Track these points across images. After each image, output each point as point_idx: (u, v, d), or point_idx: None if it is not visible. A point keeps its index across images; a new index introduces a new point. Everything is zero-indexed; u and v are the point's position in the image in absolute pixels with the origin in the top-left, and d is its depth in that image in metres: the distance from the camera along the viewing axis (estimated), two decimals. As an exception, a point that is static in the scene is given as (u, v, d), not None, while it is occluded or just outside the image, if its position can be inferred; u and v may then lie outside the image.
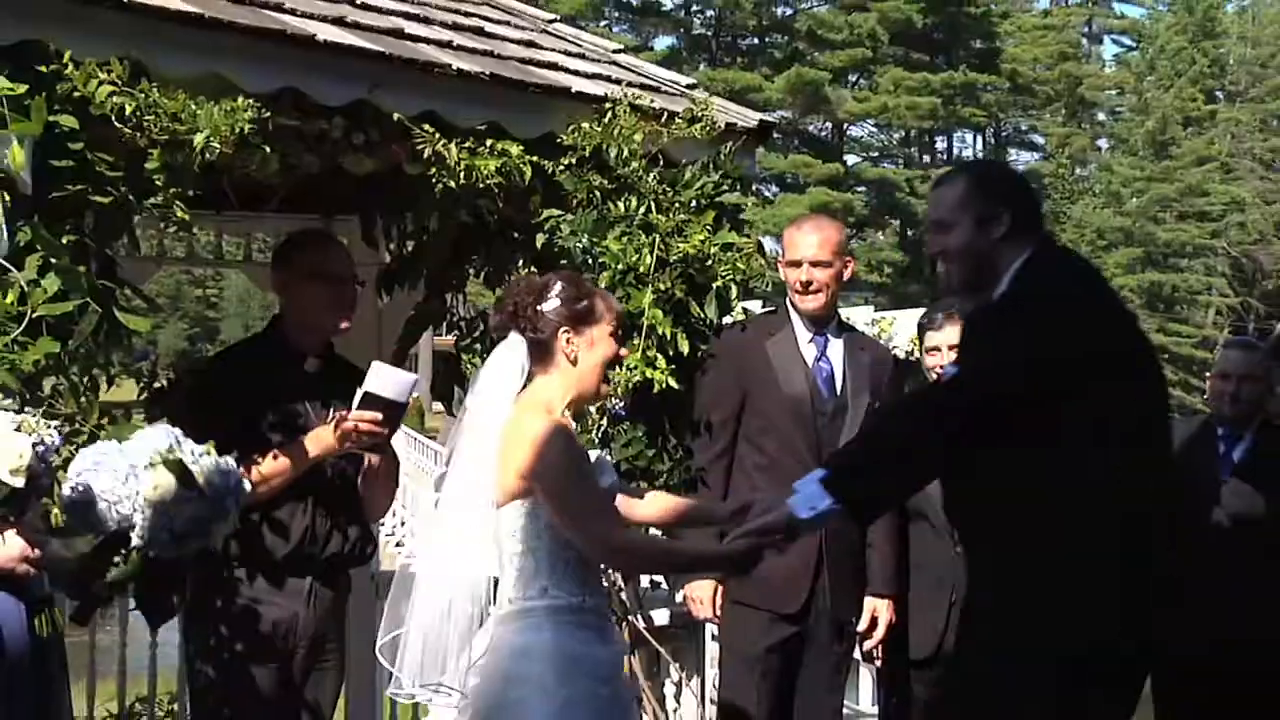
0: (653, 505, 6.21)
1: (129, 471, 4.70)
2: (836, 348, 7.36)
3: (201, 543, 5.00)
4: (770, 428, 7.21)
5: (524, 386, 5.57)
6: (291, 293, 6.40)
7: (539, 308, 5.49)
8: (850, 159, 77.65)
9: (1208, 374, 9.07)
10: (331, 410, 6.28)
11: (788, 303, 7.45)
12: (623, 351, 5.60)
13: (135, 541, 4.77)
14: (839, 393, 7.29)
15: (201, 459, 4.87)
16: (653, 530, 6.42)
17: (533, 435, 5.31)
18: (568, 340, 5.47)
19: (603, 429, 7.42)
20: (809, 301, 7.32)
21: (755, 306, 8.83)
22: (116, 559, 4.89)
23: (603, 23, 65.76)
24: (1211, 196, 76.89)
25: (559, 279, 5.69)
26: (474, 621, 5.45)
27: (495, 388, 5.56)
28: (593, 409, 7.43)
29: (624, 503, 5.94)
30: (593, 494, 5.43)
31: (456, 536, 5.50)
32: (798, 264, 7.29)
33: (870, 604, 7.48)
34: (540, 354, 5.52)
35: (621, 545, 5.65)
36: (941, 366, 7.83)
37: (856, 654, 8.08)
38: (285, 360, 6.34)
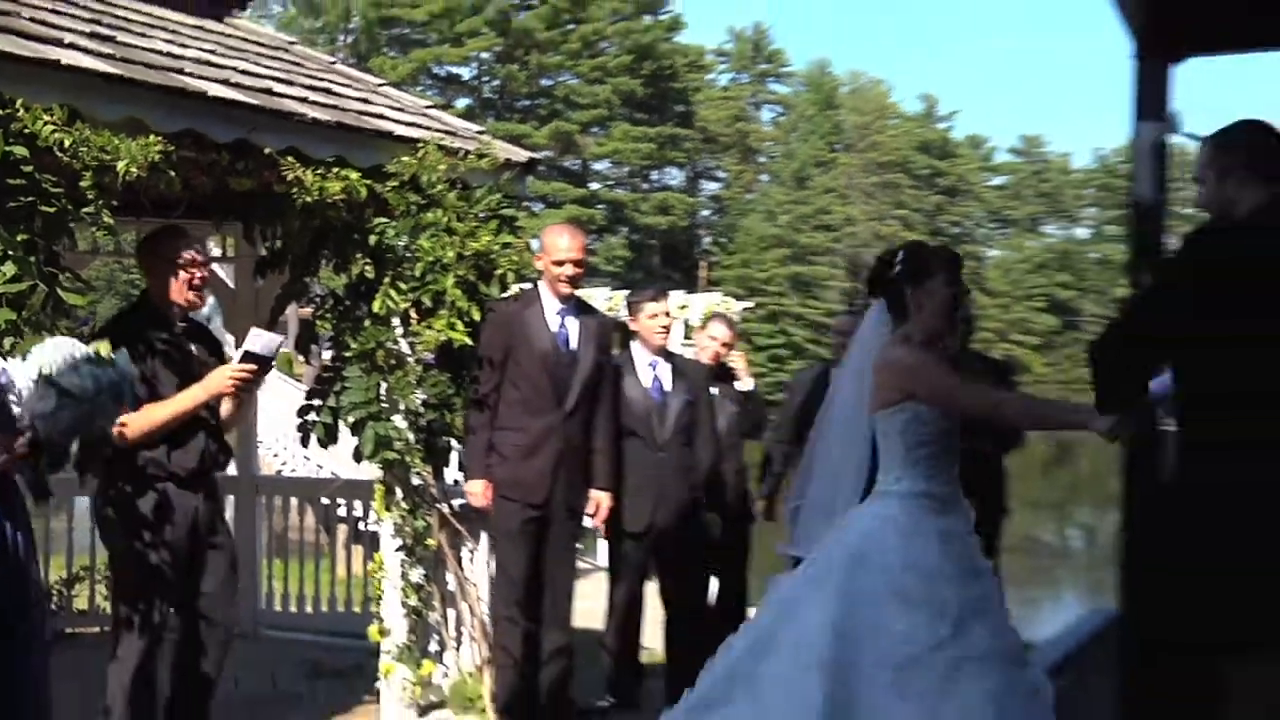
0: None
1: (26, 383, 4.57)
2: (572, 318, 7.28)
3: (85, 432, 4.86)
4: (524, 374, 7.14)
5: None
6: (155, 275, 6.12)
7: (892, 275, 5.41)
8: (593, 185, 77.50)
9: (830, 333, 8.98)
10: (193, 360, 6.15)
11: (539, 284, 7.35)
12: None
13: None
14: (573, 349, 7.20)
15: (84, 366, 4.71)
16: None
17: (903, 358, 5.20)
18: (912, 294, 5.29)
19: (418, 373, 7.41)
20: (567, 287, 7.26)
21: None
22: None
23: (418, 87, 64.94)
24: (833, 215, 77.78)
25: (903, 251, 5.53)
26: (855, 497, 5.32)
27: (869, 337, 5.51)
28: (411, 359, 7.32)
29: None
30: (954, 376, 5.24)
31: (843, 438, 5.43)
32: (561, 263, 7.20)
33: (595, 495, 7.42)
34: (897, 308, 5.34)
35: (1000, 399, 5.73)
36: (663, 327, 8.03)
37: (591, 525, 7.98)
38: (153, 324, 6.06)
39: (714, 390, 8.37)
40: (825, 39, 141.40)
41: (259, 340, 5.96)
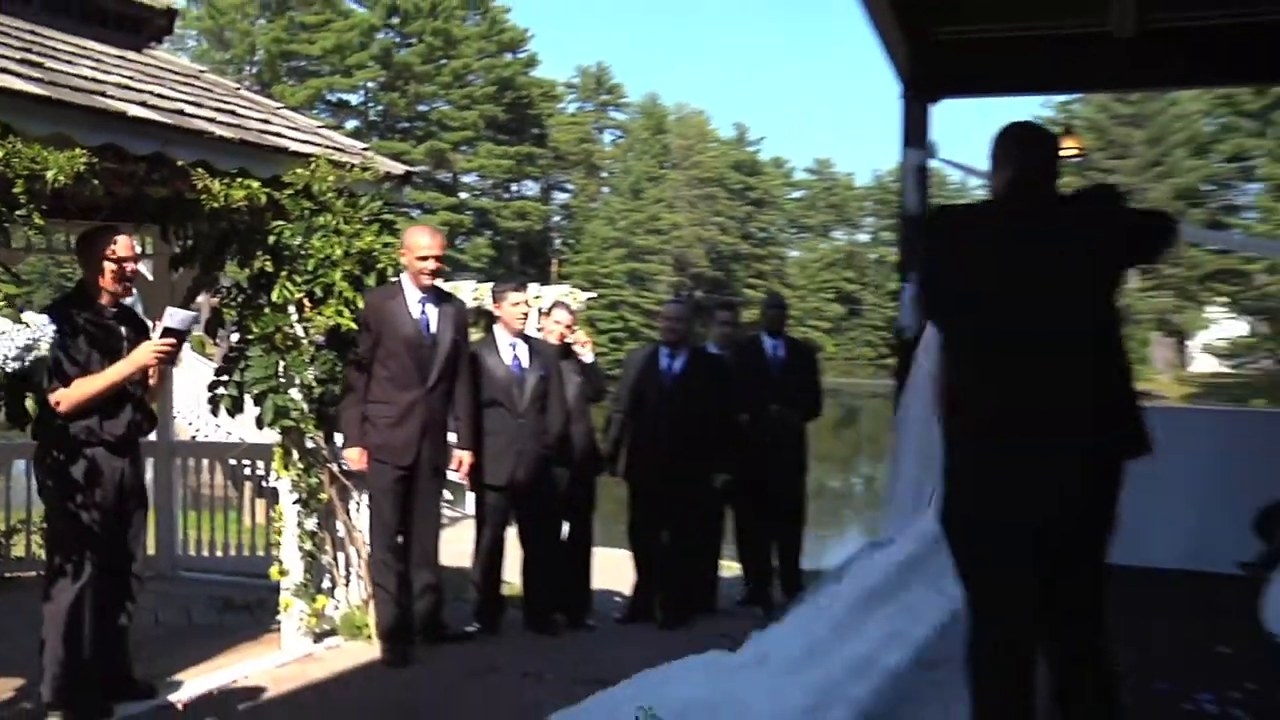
0: None
1: None
2: (432, 306, 7.27)
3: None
4: (391, 354, 7.15)
5: None
6: (89, 268, 6.04)
7: None
8: (462, 194, 77.02)
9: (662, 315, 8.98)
10: (121, 340, 6.05)
11: (403, 277, 7.33)
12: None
13: None
14: (433, 332, 7.20)
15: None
16: None
17: None
18: None
19: (311, 353, 7.37)
20: (428, 279, 7.26)
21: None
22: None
23: (313, 111, 64.13)
24: (662, 221, 78.09)
25: None
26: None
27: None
28: (305, 341, 7.25)
29: None
30: None
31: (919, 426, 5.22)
32: (424, 258, 7.20)
33: (459, 454, 7.51)
34: None
35: None
36: (522, 314, 8.08)
37: (458, 479, 7.98)
38: (86, 309, 5.97)
39: (562, 364, 8.37)
40: (656, 76, 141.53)
41: (175, 317, 5.90)
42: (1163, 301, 66.45)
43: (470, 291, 14.93)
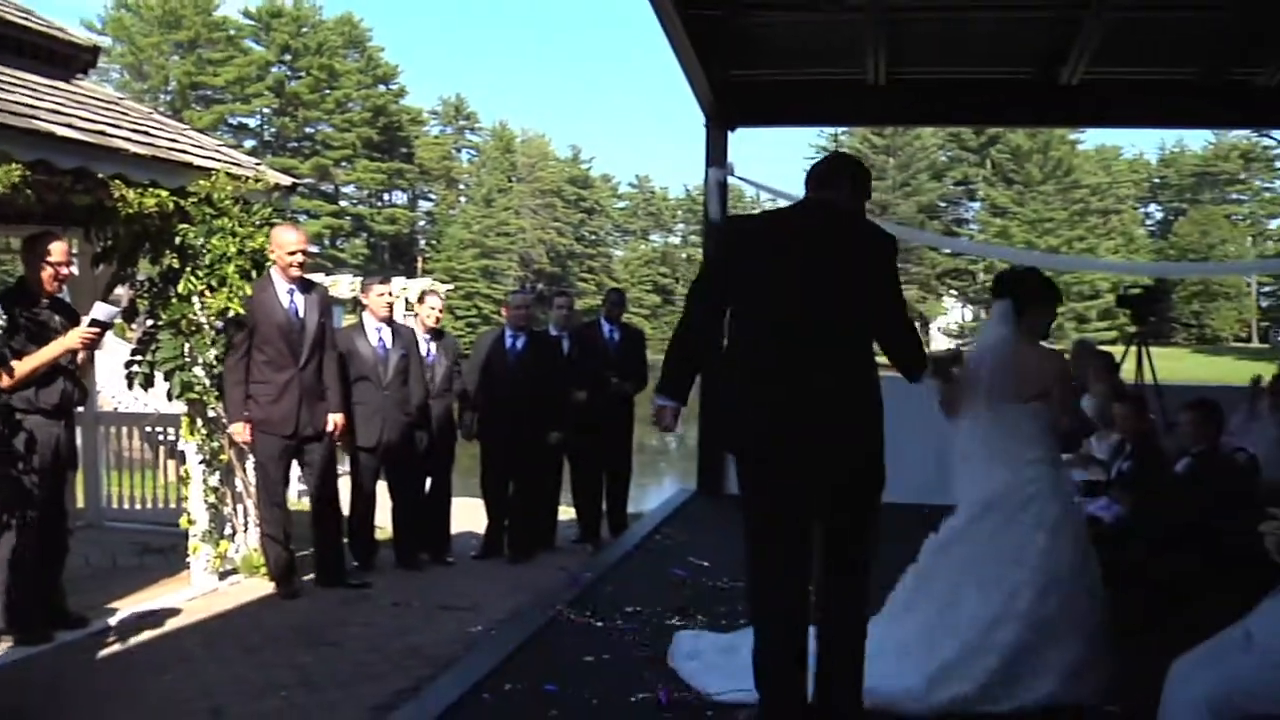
0: None
1: None
2: (299, 294, 7.09)
3: None
4: (267, 340, 6.98)
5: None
6: (30, 267, 5.93)
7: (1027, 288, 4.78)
8: (343, 203, 75.66)
9: (504, 307, 8.91)
10: (62, 326, 5.96)
11: (272, 271, 7.11)
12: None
13: None
14: (302, 318, 7.04)
15: None
16: None
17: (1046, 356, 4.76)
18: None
19: (212, 336, 7.27)
20: (296, 271, 7.07)
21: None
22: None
23: (217, 132, 62.38)
24: (510, 226, 77.61)
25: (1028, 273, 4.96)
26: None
27: (998, 331, 4.71)
28: (206, 326, 7.08)
29: None
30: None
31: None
32: (292, 253, 7.01)
33: (332, 417, 7.27)
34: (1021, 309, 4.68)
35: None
36: (387, 304, 7.95)
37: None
38: (27, 302, 5.87)
39: (434, 345, 8.33)
40: (506, 104, 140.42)
41: (102, 310, 5.86)
42: (910, 293, 68.29)
43: (348, 286, 14.71)
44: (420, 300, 8.64)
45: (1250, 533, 5.09)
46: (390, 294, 8.16)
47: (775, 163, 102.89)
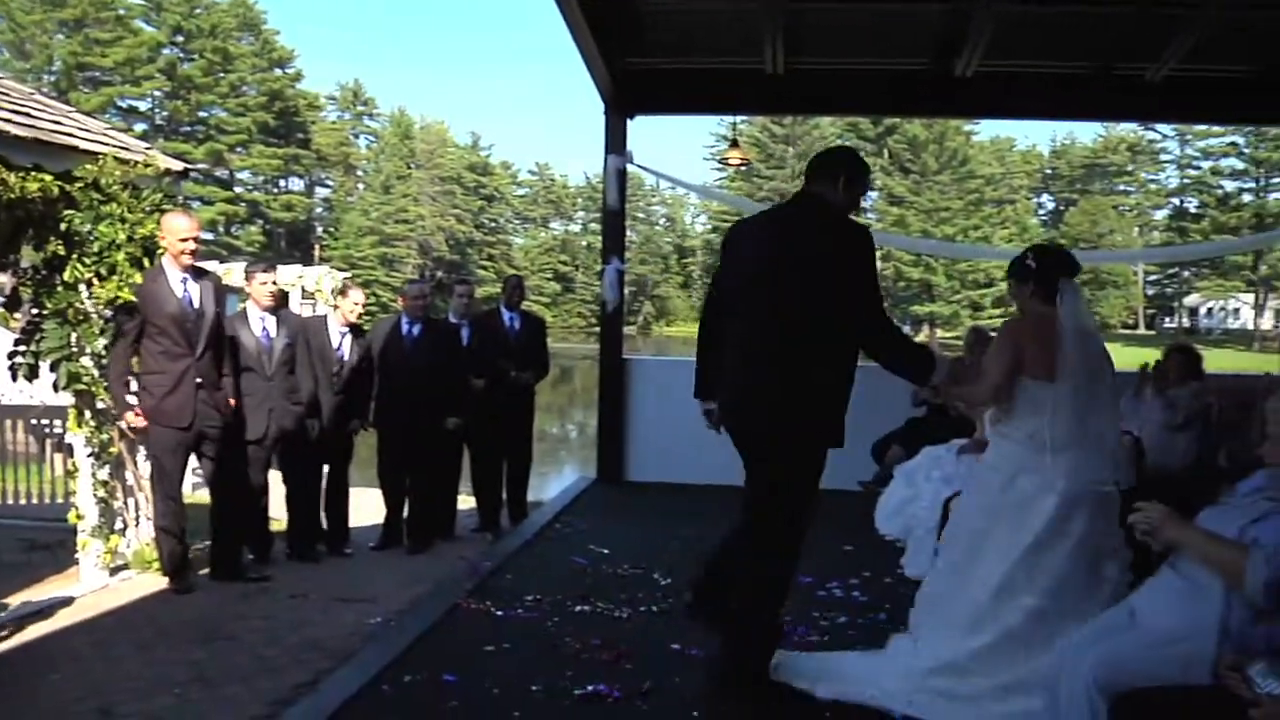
0: None
1: None
2: (193, 283, 6.86)
3: None
4: (161, 330, 6.74)
5: None
6: None
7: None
8: (238, 189, 74.22)
9: (401, 296, 8.85)
10: None
11: (163, 260, 6.87)
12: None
13: None
14: (196, 307, 6.81)
15: None
16: None
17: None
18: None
19: (100, 325, 7.12)
20: (188, 259, 6.82)
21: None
22: None
23: (105, 115, 60.59)
24: (409, 213, 76.99)
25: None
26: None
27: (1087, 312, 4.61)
28: (94, 314, 6.91)
29: None
30: None
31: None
32: (184, 239, 6.75)
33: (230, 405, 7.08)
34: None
35: None
36: (270, 293, 7.74)
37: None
38: None
39: (348, 339, 8.21)
40: (405, 90, 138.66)
41: None
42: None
43: (242, 275, 14.48)
44: (343, 293, 8.42)
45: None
46: (274, 281, 7.95)
47: (675, 150, 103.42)
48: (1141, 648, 3.34)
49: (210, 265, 8.51)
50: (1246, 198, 68.55)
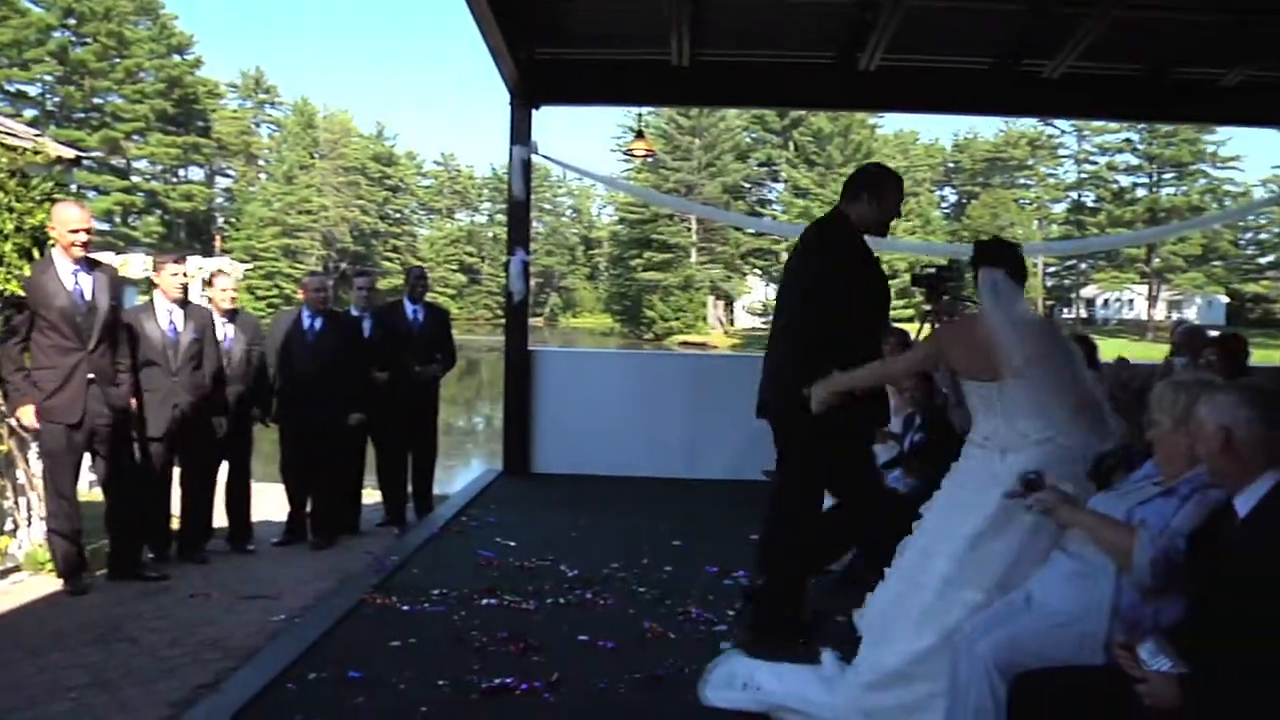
0: None
1: None
2: (85, 275, 6.62)
3: None
4: (51, 324, 6.49)
5: None
6: None
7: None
8: (135, 178, 72.34)
9: (301, 288, 8.70)
10: None
11: (53, 251, 6.60)
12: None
13: None
14: (88, 300, 6.57)
15: None
16: None
17: None
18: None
19: None
20: (80, 251, 6.56)
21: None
22: None
23: (-5, 103, 58.86)
24: (312, 203, 75.82)
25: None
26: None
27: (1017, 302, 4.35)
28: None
29: None
30: None
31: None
32: (75, 231, 6.49)
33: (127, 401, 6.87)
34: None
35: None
36: (180, 284, 7.48)
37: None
38: None
39: (230, 328, 7.99)
40: (308, 79, 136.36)
41: None
42: (715, 271, 69.50)
43: (141, 266, 14.07)
44: (210, 282, 8.20)
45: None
46: (185, 273, 7.71)
47: (582, 141, 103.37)
48: (1037, 629, 3.43)
49: (106, 257, 8.21)
50: (1140, 192, 70.49)
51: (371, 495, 9.37)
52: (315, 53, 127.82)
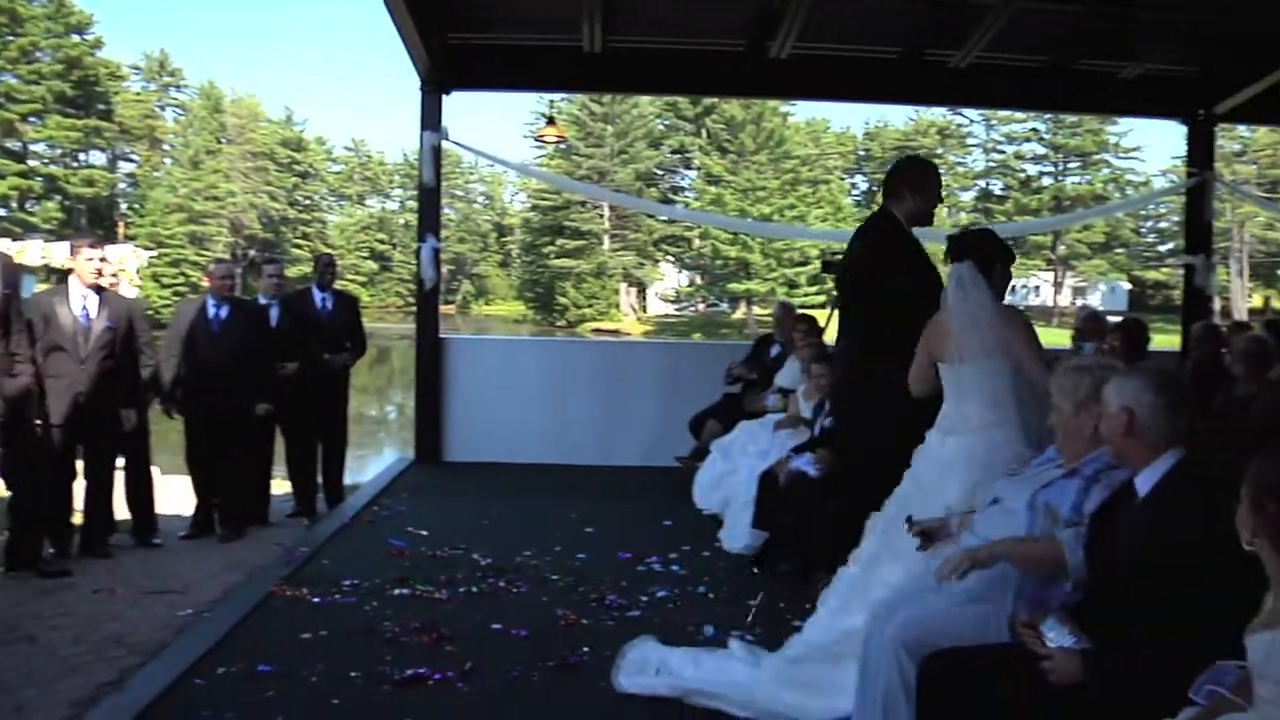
0: None
1: None
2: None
3: None
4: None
5: None
6: None
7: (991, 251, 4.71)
8: (32, 162, 70.25)
9: (207, 276, 8.53)
10: None
11: None
12: None
13: None
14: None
15: None
16: None
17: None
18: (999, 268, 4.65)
19: None
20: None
21: None
22: None
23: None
24: (219, 189, 74.34)
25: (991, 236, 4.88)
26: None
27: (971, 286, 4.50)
28: None
29: None
30: None
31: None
32: None
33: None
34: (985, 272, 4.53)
35: None
36: (95, 270, 7.26)
37: None
38: None
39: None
40: (214, 62, 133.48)
41: None
42: (628, 259, 69.51)
43: (38, 253, 13.71)
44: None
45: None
46: (103, 258, 7.46)
47: (495, 127, 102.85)
48: (944, 609, 3.49)
49: (2, 244, 7.93)
50: (1046, 181, 71.81)
51: (281, 486, 9.25)
52: (222, 36, 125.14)
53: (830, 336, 9.25)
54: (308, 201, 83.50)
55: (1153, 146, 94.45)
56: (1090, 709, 2.74)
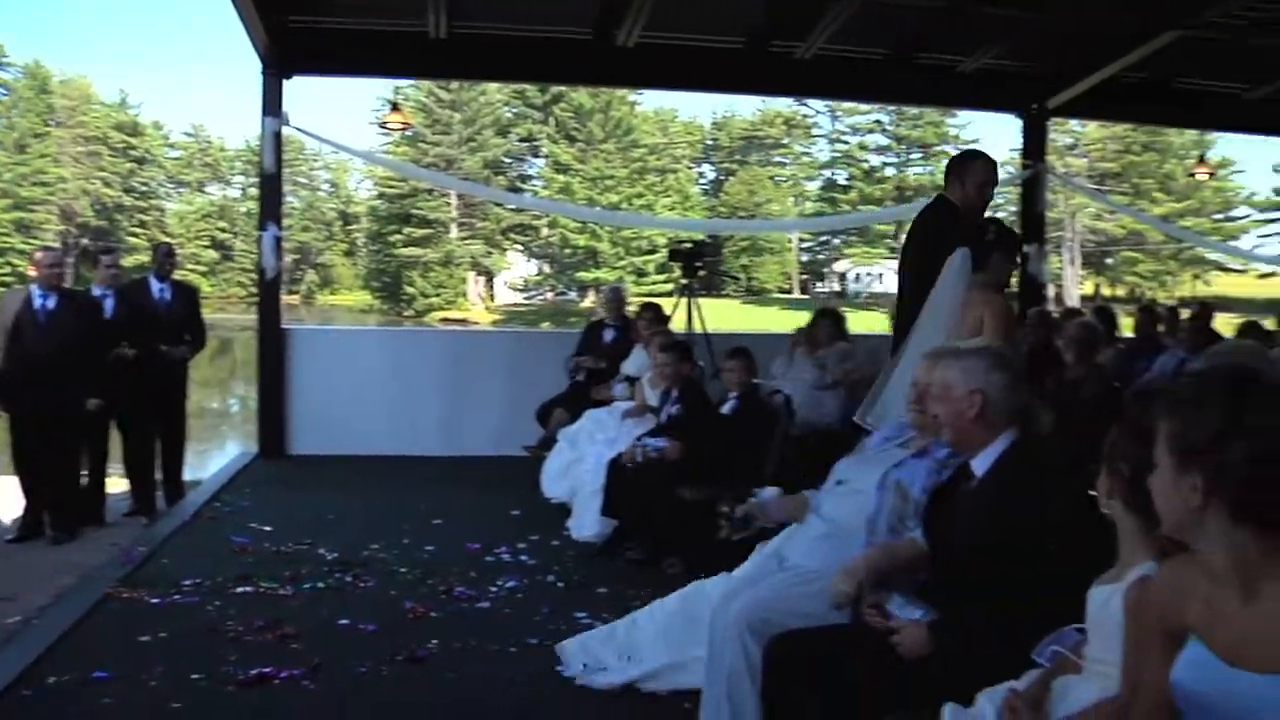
0: None
1: None
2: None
3: None
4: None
5: None
6: None
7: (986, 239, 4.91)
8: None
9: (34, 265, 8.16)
10: None
11: None
12: None
13: None
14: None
15: None
16: None
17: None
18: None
19: None
20: None
21: None
22: None
23: None
24: (48, 175, 71.33)
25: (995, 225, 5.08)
26: None
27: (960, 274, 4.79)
28: None
29: None
30: None
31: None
32: None
33: None
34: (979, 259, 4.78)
35: None
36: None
37: None
38: None
39: None
40: (41, 40, 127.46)
41: None
42: (476, 247, 69.01)
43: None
44: None
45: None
46: None
47: (339, 113, 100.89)
48: (786, 589, 3.56)
49: None
50: (889, 171, 73.73)
51: (117, 484, 8.91)
52: (48, 11, 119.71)
53: (679, 323, 9.39)
54: (144, 188, 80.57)
55: (991, 139, 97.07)
56: (939, 681, 2.75)
